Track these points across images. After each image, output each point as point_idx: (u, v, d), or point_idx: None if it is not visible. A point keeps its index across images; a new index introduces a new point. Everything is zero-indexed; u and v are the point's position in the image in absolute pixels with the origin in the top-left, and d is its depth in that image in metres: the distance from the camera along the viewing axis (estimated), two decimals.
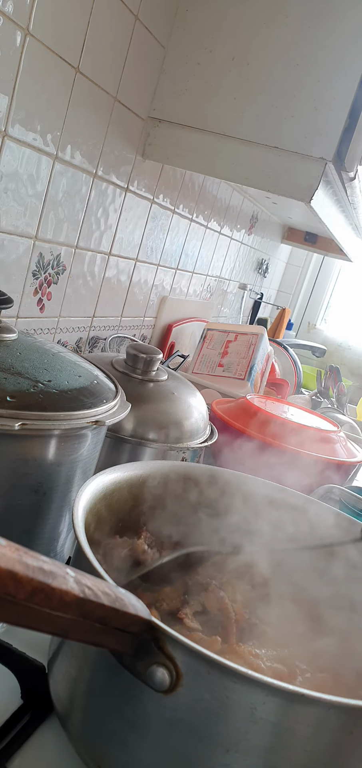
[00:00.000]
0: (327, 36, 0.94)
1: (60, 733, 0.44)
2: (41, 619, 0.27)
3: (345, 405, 1.65)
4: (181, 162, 1.06)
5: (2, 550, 0.25)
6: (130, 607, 0.32)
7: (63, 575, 0.28)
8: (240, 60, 1.00)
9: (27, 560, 0.26)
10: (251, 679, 0.33)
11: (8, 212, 0.79)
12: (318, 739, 0.35)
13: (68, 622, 0.29)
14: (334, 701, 0.33)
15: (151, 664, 0.34)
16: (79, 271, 1.00)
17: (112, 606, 0.31)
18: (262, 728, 0.34)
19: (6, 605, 0.25)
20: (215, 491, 0.60)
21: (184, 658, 0.34)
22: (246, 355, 1.32)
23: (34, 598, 0.26)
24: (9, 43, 0.70)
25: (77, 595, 0.28)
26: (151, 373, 0.79)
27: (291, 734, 0.34)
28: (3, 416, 0.44)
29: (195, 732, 0.35)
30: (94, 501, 0.49)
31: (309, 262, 2.59)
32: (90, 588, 0.30)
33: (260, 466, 0.87)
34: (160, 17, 0.99)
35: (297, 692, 0.33)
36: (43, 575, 0.27)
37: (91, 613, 0.30)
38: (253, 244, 1.91)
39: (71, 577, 0.29)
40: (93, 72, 0.86)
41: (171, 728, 0.35)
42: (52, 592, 0.27)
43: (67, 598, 0.28)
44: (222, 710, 0.34)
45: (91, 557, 0.39)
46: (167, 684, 0.34)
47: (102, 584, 0.31)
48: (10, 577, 0.25)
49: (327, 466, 0.93)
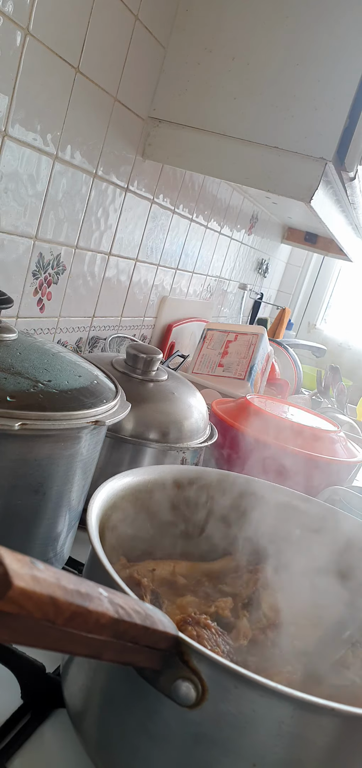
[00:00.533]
0: (327, 36, 0.94)
1: (60, 733, 0.44)
2: (76, 642, 0.27)
3: (345, 405, 1.65)
4: (180, 162, 1.06)
5: (42, 575, 0.24)
6: (158, 624, 0.32)
7: (98, 596, 0.28)
8: (240, 60, 1.00)
9: (65, 584, 0.25)
10: (278, 692, 0.32)
11: (8, 212, 0.79)
12: (346, 753, 0.34)
13: (102, 643, 0.29)
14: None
15: (176, 678, 0.33)
16: (79, 271, 1.00)
17: (143, 624, 0.30)
18: (290, 742, 0.33)
19: (45, 631, 0.25)
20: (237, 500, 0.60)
21: (210, 672, 0.33)
22: (246, 355, 1.32)
23: (72, 622, 0.26)
24: (9, 43, 0.70)
25: (112, 616, 0.28)
26: (151, 373, 0.79)
27: (319, 749, 0.34)
28: (3, 416, 0.44)
29: (220, 746, 0.34)
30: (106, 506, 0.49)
31: (309, 262, 2.59)
32: (122, 608, 0.29)
33: (260, 466, 0.87)
34: (160, 17, 0.99)
35: (326, 706, 0.32)
36: (81, 598, 0.26)
37: (124, 633, 0.29)
38: (253, 244, 1.91)
39: (105, 598, 0.28)
40: (93, 72, 0.86)
41: (195, 743, 0.34)
42: (89, 615, 0.27)
43: (103, 620, 0.28)
44: (249, 724, 0.33)
45: (113, 573, 0.38)
46: (193, 698, 0.33)
47: (132, 602, 0.30)
48: (50, 603, 0.24)
49: (327, 466, 0.93)
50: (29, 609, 0.24)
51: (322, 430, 1.01)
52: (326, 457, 0.94)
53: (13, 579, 0.23)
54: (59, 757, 0.43)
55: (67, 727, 0.42)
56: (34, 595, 0.24)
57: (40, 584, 0.24)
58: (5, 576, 0.23)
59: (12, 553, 0.23)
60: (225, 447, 0.93)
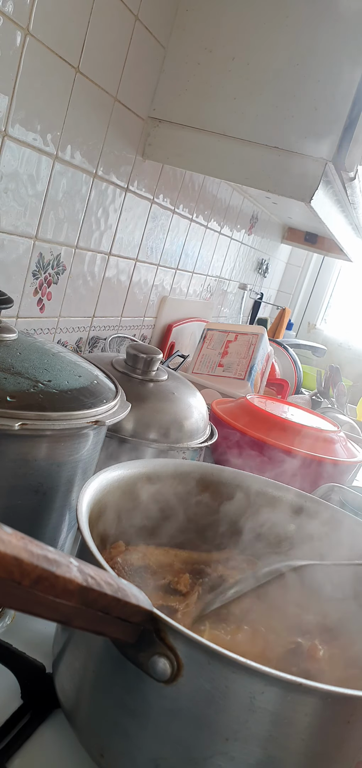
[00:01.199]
0: (327, 36, 0.94)
1: (60, 732, 0.44)
2: (45, 606, 0.28)
3: (345, 405, 1.65)
4: (181, 162, 1.06)
5: (8, 538, 0.25)
6: (131, 597, 0.33)
7: (67, 564, 0.29)
8: (240, 60, 1.00)
9: (32, 548, 0.26)
10: (250, 668, 0.33)
11: (8, 212, 0.79)
12: (315, 729, 0.35)
13: (71, 609, 0.29)
14: (331, 691, 0.34)
15: (153, 654, 0.35)
16: (79, 271, 1.00)
17: (114, 595, 0.31)
18: (261, 717, 0.34)
19: (11, 591, 0.26)
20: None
21: (185, 648, 0.34)
22: (246, 355, 1.32)
23: (38, 585, 0.27)
24: (9, 43, 0.70)
25: (80, 583, 0.29)
26: (151, 373, 0.79)
27: (289, 723, 0.35)
28: (3, 416, 0.44)
29: (195, 721, 0.35)
30: (98, 496, 0.49)
31: (309, 262, 2.59)
32: (93, 577, 0.30)
33: (260, 466, 0.87)
34: (160, 17, 0.99)
35: (294, 682, 0.33)
36: (48, 563, 0.27)
37: (93, 602, 0.30)
38: (253, 244, 1.91)
39: (75, 566, 0.29)
40: (93, 72, 0.86)
41: (171, 717, 0.36)
42: (56, 580, 0.28)
43: (71, 586, 0.28)
44: (222, 699, 0.34)
45: (93, 548, 0.40)
46: (168, 674, 0.34)
47: (104, 574, 0.31)
48: (15, 564, 0.25)
49: (327, 466, 0.93)
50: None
51: (322, 430, 1.01)
52: (326, 457, 0.94)
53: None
54: (59, 756, 0.43)
55: (67, 726, 0.42)
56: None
57: (6, 545, 0.25)
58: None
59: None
60: (225, 447, 0.93)
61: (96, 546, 0.40)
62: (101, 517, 0.50)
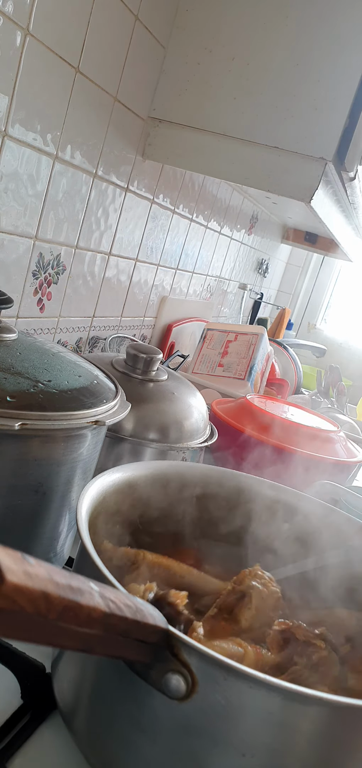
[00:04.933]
0: (327, 36, 0.94)
1: (60, 733, 0.44)
2: (68, 637, 0.27)
3: (345, 405, 1.65)
4: (180, 162, 1.06)
5: (34, 570, 0.24)
6: (149, 618, 0.32)
7: (89, 591, 0.28)
8: (240, 60, 1.00)
9: (57, 578, 0.25)
10: (268, 684, 0.33)
11: (8, 212, 0.79)
12: (335, 742, 0.35)
13: (93, 637, 0.29)
14: (352, 704, 0.33)
15: (166, 671, 0.34)
16: (79, 271, 1.00)
17: (134, 618, 0.31)
18: (278, 732, 0.34)
19: (37, 625, 0.25)
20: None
21: (200, 664, 0.34)
22: (246, 355, 1.32)
23: (64, 616, 0.26)
24: (9, 43, 0.70)
25: (103, 610, 0.28)
26: (151, 373, 0.79)
27: (308, 737, 0.34)
28: (3, 416, 0.44)
29: (210, 737, 0.34)
30: (97, 501, 0.49)
31: (309, 262, 2.59)
32: (113, 602, 0.29)
33: (260, 466, 0.87)
34: (160, 17, 0.99)
35: (314, 696, 0.33)
36: (72, 593, 0.26)
37: (115, 626, 0.30)
38: (253, 244, 1.91)
39: (96, 593, 0.28)
40: (93, 72, 0.86)
41: (185, 734, 0.35)
42: (80, 610, 0.27)
43: (94, 614, 0.28)
44: (238, 715, 0.34)
45: (102, 566, 0.38)
46: (183, 691, 0.33)
47: (122, 596, 0.31)
48: (42, 598, 0.24)
49: (328, 466, 0.93)
50: (22, 604, 0.24)
51: (322, 430, 1.01)
52: (326, 457, 0.94)
53: (5, 574, 0.23)
54: (59, 757, 0.43)
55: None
56: (27, 590, 0.24)
57: (33, 579, 0.24)
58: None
59: (3, 549, 0.24)
60: (225, 447, 0.93)
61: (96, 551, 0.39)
62: (101, 520, 0.50)
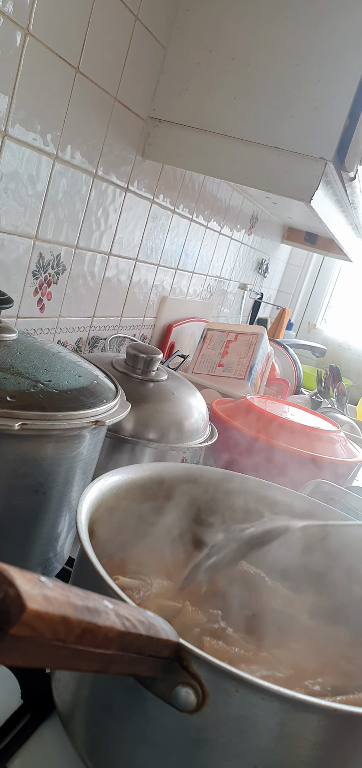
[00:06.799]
0: (327, 36, 0.94)
1: (60, 733, 0.44)
2: (84, 659, 0.26)
3: (345, 405, 1.65)
4: (181, 162, 1.06)
5: (52, 594, 0.23)
6: (161, 632, 0.31)
7: (105, 610, 0.27)
8: (240, 60, 1.00)
9: (75, 601, 0.25)
10: (281, 695, 0.32)
11: (8, 212, 0.79)
12: (347, 752, 0.34)
13: (109, 657, 0.28)
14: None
15: (176, 684, 0.33)
16: (79, 271, 1.00)
17: (148, 634, 0.30)
18: (291, 743, 0.33)
19: (54, 651, 0.24)
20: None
21: (210, 676, 0.33)
22: (246, 355, 1.32)
23: (82, 639, 0.25)
24: (9, 43, 0.70)
25: (119, 629, 0.27)
26: (151, 373, 0.79)
27: (320, 748, 0.34)
28: (3, 416, 0.44)
29: (221, 750, 0.34)
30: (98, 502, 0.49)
31: (309, 262, 2.59)
32: (128, 619, 0.28)
33: (260, 466, 0.87)
34: (160, 17, 0.99)
35: (328, 707, 0.32)
36: (90, 614, 0.25)
37: (130, 644, 0.29)
38: (253, 244, 1.91)
39: (111, 611, 0.27)
40: (93, 72, 0.86)
41: (196, 748, 0.34)
42: (98, 631, 0.26)
43: (111, 634, 0.27)
44: (250, 727, 0.33)
45: (107, 578, 0.37)
46: (193, 704, 0.33)
47: (135, 612, 0.30)
48: (62, 622, 0.23)
49: (327, 466, 0.93)
50: (42, 631, 0.23)
51: (322, 430, 1.01)
52: (326, 457, 0.94)
53: (26, 601, 0.21)
54: (59, 757, 0.43)
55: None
56: (47, 616, 0.23)
57: (52, 604, 0.23)
58: (18, 598, 0.21)
59: (20, 572, 0.22)
60: (225, 447, 0.94)
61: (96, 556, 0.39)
62: (102, 522, 0.50)
